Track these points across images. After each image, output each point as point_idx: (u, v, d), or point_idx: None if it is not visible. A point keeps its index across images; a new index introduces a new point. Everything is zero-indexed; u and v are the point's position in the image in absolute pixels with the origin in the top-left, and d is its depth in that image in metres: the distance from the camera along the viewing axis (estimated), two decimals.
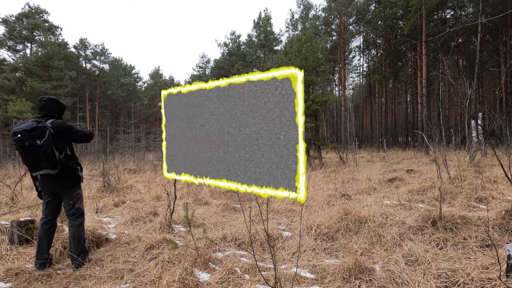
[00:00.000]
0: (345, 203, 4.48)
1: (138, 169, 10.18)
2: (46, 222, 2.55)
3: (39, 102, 2.53)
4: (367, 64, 32.56)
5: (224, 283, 2.18)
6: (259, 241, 3.00)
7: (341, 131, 23.67)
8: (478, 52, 13.32)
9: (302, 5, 27.65)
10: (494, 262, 2.14)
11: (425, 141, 12.13)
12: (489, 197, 4.09)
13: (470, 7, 21.10)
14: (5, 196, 5.08)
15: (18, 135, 2.31)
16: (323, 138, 12.77)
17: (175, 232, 3.49)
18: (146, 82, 46.20)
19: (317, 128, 13.08)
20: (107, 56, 37.12)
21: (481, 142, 9.53)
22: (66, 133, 2.49)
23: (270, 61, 22.80)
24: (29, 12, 25.80)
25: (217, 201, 5.23)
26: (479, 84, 21.13)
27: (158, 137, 16.38)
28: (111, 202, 5.14)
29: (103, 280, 2.27)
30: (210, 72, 35.87)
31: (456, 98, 21.50)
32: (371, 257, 2.58)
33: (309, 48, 11.33)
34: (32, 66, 22.24)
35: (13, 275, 2.38)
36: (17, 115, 18.23)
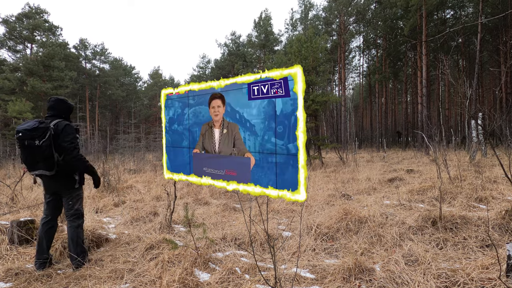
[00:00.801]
0: (345, 203, 4.48)
1: (138, 169, 10.18)
2: (46, 222, 2.55)
3: (48, 102, 2.59)
4: (367, 64, 32.56)
5: (224, 283, 2.18)
6: (259, 241, 3.00)
7: (341, 131, 23.66)
8: (478, 52, 13.31)
9: (303, 5, 27.65)
10: (494, 262, 2.14)
11: (425, 141, 12.14)
12: (489, 197, 4.09)
13: (470, 7, 21.09)
14: (5, 196, 5.08)
15: (19, 134, 2.34)
16: (323, 138, 12.77)
17: (175, 232, 3.49)
18: (146, 82, 46.19)
19: (317, 128, 13.08)
20: (107, 56, 37.11)
21: (481, 142, 9.53)
22: (62, 135, 2.44)
23: (270, 61, 22.79)
24: (29, 12, 25.81)
25: (217, 201, 5.23)
26: (479, 84, 21.13)
27: (158, 137, 16.38)
28: (111, 202, 5.14)
29: (103, 280, 2.27)
30: (210, 72, 35.86)
31: (456, 98, 21.51)
32: (371, 257, 2.58)
33: (309, 48, 11.32)
34: (32, 66, 22.24)
35: (13, 275, 2.38)
36: (17, 115, 18.23)
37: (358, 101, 39.71)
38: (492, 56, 20.94)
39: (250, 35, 29.83)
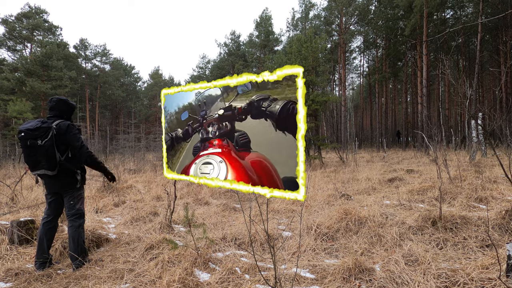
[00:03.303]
0: (345, 203, 4.48)
1: (138, 169, 10.18)
2: (47, 222, 2.55)
3: (49, 102, 2.56)
4: (367, 64, 32.56)
5: (224, 283, 2.18)
6: (259, 241, 2.99)
7: (341, 131, 23.63)
8: (478, 52, 13.33)
9: (303, 5, 27.64)
10: (494, 262, 2.14)
11: (425, 141, 12.14)
12: (489, 197, 4.09)
13: (470, 7, 21.08)
14: (5, 196, 5.08)
15: (22, 134, 2.35)
16: (323, 138, 12.77)
17: (175, 232, 3.49)
18: (146, 82, 46.21)
19: (317, 128, 13.07)
20: (107, 56, 37.10)
21: (481, 142, 9.53)
22: (66, 133, 2.47)
23: (270, 61, 22.78)
24: (29, 12, 25.80)
25: (217, 201, 5.22)
26: (479, 84, 21.12)
27: (158, 137, 16.36)
28: (111, 202, 5.14)
29: (103, 280, 2.27)
30: (210, 72, 35.85)
31: (456, 98, 21.52)
32: (371, 257, 2.58)
33: (309, 48, 11.32)
34: (31, 66, 22.22)
35: (13, 275, 2.38)
36: (17, 115, 18.21)
37: (358, 101, 39.71)
38: (492, 56, 20.93)
39: (251, 34, 29.82)
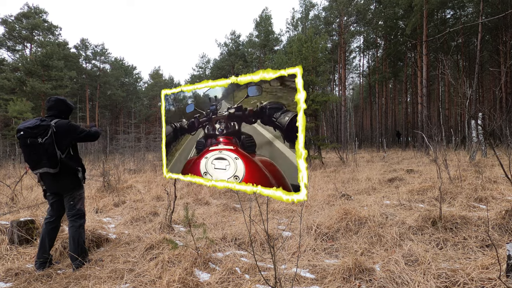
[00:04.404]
0: (345, 203, 4.48)
1: (138, 169, 10.18)
2: (50, 222, 2.56)
3: (47, 102, 2.56)
4: (367, 64, 32.55)
5: (224, 283, 2.18)
6: (259, 241, 2.99)
7: (341, 131, 23.63)
8: (478, 52, 13.32)
9: (304, 5, 27.64)
10: (494, 262, 2.14)
11: (425, 141, 12.14)
12: (489, 197, 4.09)
13: (470, 7, 21.08)
14: (5, 196, 5.08)
15: (21, 132, 2.34)
16: (323, 138, 12.76)
17: (175, 232, 3.49)
18: (146, 82, 46.21)
19: (317, 128, 13.07)
20: (108, 56, 37.10)
21: (481, 142, 9.53)
22: (70, 133, 2.49)
23: (270, 61, 22.78)
24: (29, 12, 25.78)
25: (217, 201, 5.23)
26: (479, 84, 21.12)
27: (158, 137, 16.36)
28: (111, 202, 5.14)
29: (103, 280, 2.27)
30: (210, 72, 35.85)
31: (456, 98, 21.50)
32: (371, 257, 2.58)
33: (309, 48, 11.32)
34: (31, 66, 22.22)
35: (13, 275, 2.38)
36: (17, 115, 18.20)
37: (358, 101, 39.70)
38: (492, 56, 20.92)
39: (251, 34, 29.82)
